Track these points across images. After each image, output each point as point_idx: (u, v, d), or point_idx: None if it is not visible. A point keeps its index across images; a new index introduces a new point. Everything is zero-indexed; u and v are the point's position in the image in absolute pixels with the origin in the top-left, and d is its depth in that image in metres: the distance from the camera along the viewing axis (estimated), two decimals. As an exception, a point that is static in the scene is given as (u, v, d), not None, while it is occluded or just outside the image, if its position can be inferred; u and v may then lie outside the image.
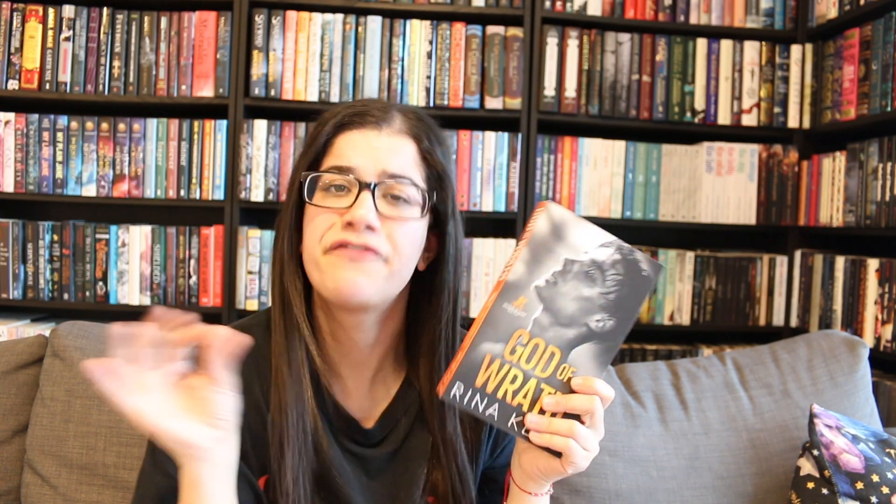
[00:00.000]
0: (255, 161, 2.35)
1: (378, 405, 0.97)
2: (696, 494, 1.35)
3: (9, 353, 1.30)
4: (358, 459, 0.95)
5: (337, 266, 0.86)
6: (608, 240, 0.81)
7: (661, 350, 2.49)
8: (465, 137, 2.40)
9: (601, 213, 2.46)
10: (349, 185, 0.87)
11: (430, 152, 0.91)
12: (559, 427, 0.80)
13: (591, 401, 0.80)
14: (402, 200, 0.88)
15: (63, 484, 1.21)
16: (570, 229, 0.81)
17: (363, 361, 0.96)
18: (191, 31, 2.34)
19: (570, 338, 0.81)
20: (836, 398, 1.43)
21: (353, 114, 0.89)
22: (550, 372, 0.81)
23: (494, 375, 0.80)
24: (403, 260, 0.88)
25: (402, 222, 0.87)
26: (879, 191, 2.12)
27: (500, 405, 0.81)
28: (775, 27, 2.51)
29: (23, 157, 2.31)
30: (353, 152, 0.87)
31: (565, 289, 0.81)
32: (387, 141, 0.88)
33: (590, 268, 0.81)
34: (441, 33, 2.40)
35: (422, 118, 0.94)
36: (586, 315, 0.81)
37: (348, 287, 0.85)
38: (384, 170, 0.87)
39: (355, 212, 0.84)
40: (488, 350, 0.80)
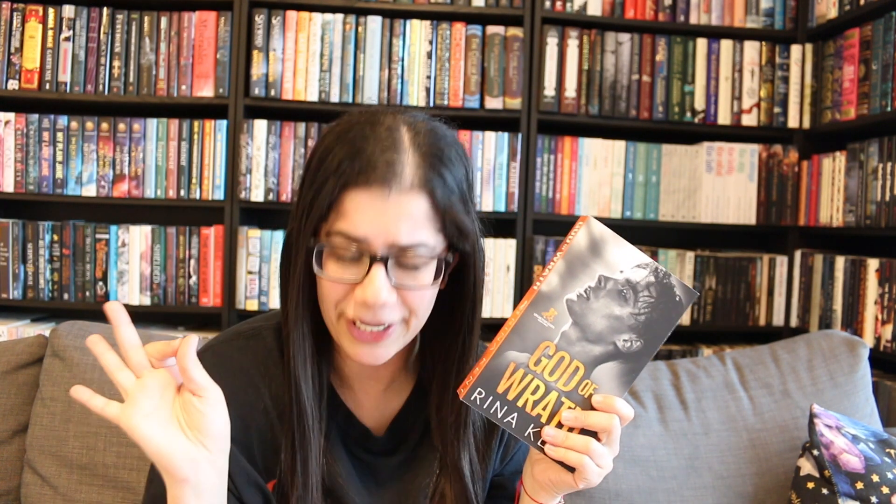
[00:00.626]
0: (255, 161, 2.35)
1: (389, 413, 0.96)
2: (696, 494, 1.35)
3: (9, 353, 1.30)
4: (367, 467, 0.94)
5: (355, 342, 0.84)
6: (645, 261, 0.82)
7: (661, 350, 2.48)
8: (465, 137, 2.40)
9: (601, 213, 2.46)
10: (360, 253, 0.81)
11: (447, 204, 0.82)
12: (575, 443, 0.79)
13: (611, 419, 0.80)
14: (415, 266, 0.82)
15: (63, 484, 1.21)
16: (608, 247, 0.81)
17: (376, 377, 0.95)
18: (191, 31, 2.34)
19: (595, 354, 0.81)
20: (836, 398, 1.43)
21: (357, 170, 0.79)
22: (573, 387, 0.81)
23: (517, 384, 0.80)
24: (420, 318, 0.86)
25: (416, 291, 0.83)
26: (879, 191, 2.12)
27: (519, 414, 0.81)
28: (775, 27, 2.51)
29: (23, 157, 2.31)
30: (360, 219, 0.79)
31: (597, 305, 0.81)
32: (395, 205, 0.79)
33: (623, 287, 0.81)
34: (441, 33, 2.40)
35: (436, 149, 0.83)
36: (614, 334, 0.81)
37: (367, 359, 0.85)
38: (395, 242, 0.80)
39: (368, 291, 0.79)
40: (513, 359, 0.80)
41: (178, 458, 0.74)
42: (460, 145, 0.88)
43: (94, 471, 1.21)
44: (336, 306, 0.83)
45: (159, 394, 0.75)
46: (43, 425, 1.23)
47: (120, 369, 0.75)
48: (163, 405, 0.75)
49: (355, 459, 0.94)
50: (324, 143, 0.84)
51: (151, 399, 0.74)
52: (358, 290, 0.81)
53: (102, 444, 1.22)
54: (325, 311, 0.85)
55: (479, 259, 0.89)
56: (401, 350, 0.92)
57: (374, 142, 0.81)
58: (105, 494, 1.21)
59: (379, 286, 0.79)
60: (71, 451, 1.22)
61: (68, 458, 1.21)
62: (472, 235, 0.86)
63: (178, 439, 0.74)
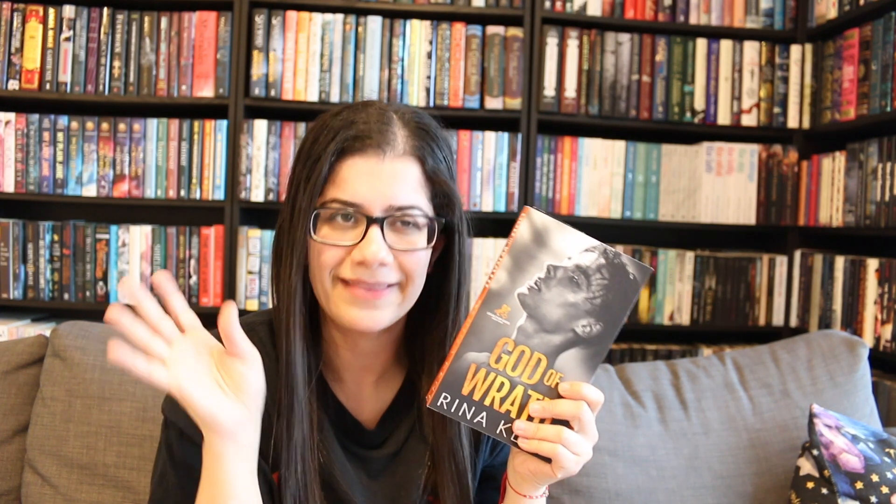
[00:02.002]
0: (255, 161, 2.35)
1: (380, 404, 0.98)
2: (696, 494, 1.35)
3: (9, 352, 1.30)
4: (359, 460, 0.95)
5: (351, 303, 0.86)
6: (592, 244, 0.80)
7: (661, 350, 2.49)
8: (465, 137, 2.40)
9: (601, 213, 2.46)
10: (356, 218, 0.85)
11: (436, 171, 0.88)
12: (547, 433, 0.80)
13: (578, 406, 0.80)
14: (411, 226, 0.86)
15: (63, 484, 1.21)
16: (552, 235, 0.80)
17: (368, 367, 0.97)
18: (191, 31, 2.34)
19: (556, 344, 0.81)
20: (836, 398, 1.44)
21: (353, 137, 0.85)
22: (537, 378, 0.81)
23: (481, 384, 0.81)
24: (416, 282, 0.88)
25: (412, 252, 0.86)
26: (879, 191, 2.12)
27: (487, 412, 0.81)
28: (775, 27, 2.51)
29: (23, 157, 2.31)
30: (357, 183, 0.84)
31: (549, 295, 0.80)
32: (390, 168, 0.84)
33: (574, 273, 0.80)
34: (441, 33, 2.40)
35: (423, 126, 0.90)
36: (572, 321, 0.80)
37: (364, 323, 0.86)
38: (391, 203, 0.84)
39: (366, 250, 0.83)
40: (473, 359, 0.80)
41: (225, 417, 0.78)
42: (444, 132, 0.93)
43: (94, 470, 1.21)
44: (331, 272, 0.86)
45: (195, 358, 0.80)
46: (43, 425, 1.23)
47: (152, 339, 0.78)
48: (201, 368, 0.79)
49: (348, 453, 0.95)
50: (317, 124, 0.89)
51: (190, 362, 0.79)
52: (355, 251, 0.84)
53: (103, 443, 1.22)
54: (320, 281, 0.87)
55: (464, 235, 0.92)
56: (390, 341, 0.96)
57: (367, 116, 0.87)
58: (105, 494, 1.21)
59: (377, 245, 0.83)
60: (71, 450, 1.22)
61: (69, 458, 1.22)
62: (458, 207, 0.90)
63: (223, 401, 0.79)
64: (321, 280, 0.87)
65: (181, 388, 0.77)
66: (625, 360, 2.44)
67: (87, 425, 1.23)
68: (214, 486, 0.80)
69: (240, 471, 0.81)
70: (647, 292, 2.49)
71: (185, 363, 0.78)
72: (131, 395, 1.25)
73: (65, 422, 1.23)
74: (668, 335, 2.63)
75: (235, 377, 0.80)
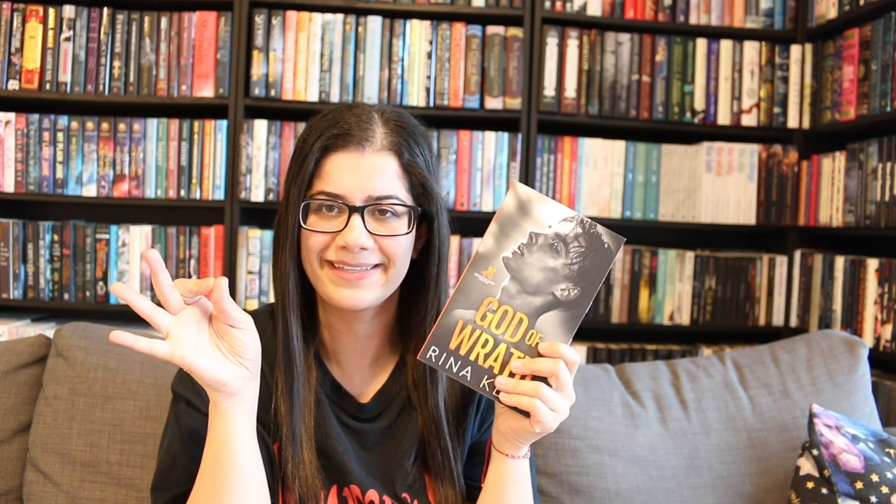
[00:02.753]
0: (255, 161, 2.35)
1: (374, 384, 1.05)
2: (696, 494, 1.35)
3: (10, 352, 1.31)
4: (354, 433, 1.02)
5: (338, 283, 0.95)
6: (570, 215, 0.87)
7: (661, 350, 2.49)
8: (465, 137, 2.40)
9: (601, 213, 2.46)
10: (340, 207, 0.94)
11: (412, 164, 0.97)
12: (525, 388, 0.86)
13: (556, 363, 0.86)
14: (390, 214, 0.95)
15: (66, 482, 1.21)
16: (535, 205, 0.87)
17: (362, 350, 1.04)
18: (191, 31, 2.34)
19: (536, 305, 0.87)
20: (836, 398, 1.44)
21: (336, 134, 0.95)
22: (519, 337, 0.87)
23: (467, 339, 0.87)
24: (398, 265, 0.97)
25: (391, 237, 0.95)
26: (879, 191, 2.12)
27: (472, 367, 0.87)
28: (775, 27, 2.51)
29: (23, 157, 2.31)
30: (339, 176, 0.94)
31: (531, 259, 0.87)
32: (369, 162, 0.94)
33: (553, 240, 0.87)
34: (441, 33, 2.40)
35: (402, 124, 0.99)
36: (551, 284, 0.87)
37: (349, 301, 0.95)
38: (370, 194, 0.93)
39: (347, 236, 0.92)
40: (461, 316, 0.87)
41: (229, 378, 0.85)
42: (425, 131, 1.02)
43: (97, 468, 1.22)
44: (318, 255, 0.95)
45: (197, 327, 0.86)
46: (46, 423, 1.23)
47: (156, 311, 0.83)
48: (202, 337, 0.86)
49: (343, 426, 1.02)
50: (308, 126, 0.99)
51: (192, 334, 0.85)
52: (339, 237, 0.93)
53: (105, 441, 1.22)
54: (310, 264, 0.96)
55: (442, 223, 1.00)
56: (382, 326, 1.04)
57: (350, 117, 0.97)
58: (108, 492, 1.21)
59: (358, 232, 0.92)
60: (74, 448, 1.22)
61: (71, 456, 1.22)
62: (436, 197, 0.98)
63: (225, 364, 0.86)
64: (310, 263, 0.96)
65: (185, 359, 0.83)
66: (625, 360, 2.45)
67: (90, 423, 1.23)
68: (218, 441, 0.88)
69: (243, 428, 0.88)
70: (647, 292, 2.50)
71: (187, 335, 0.84)
72: (134, 394, 1.25)
73: (68, 420, 1.23)
74: (668, 335, 2.63)
75: (233, 342, 0.86)
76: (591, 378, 1.43)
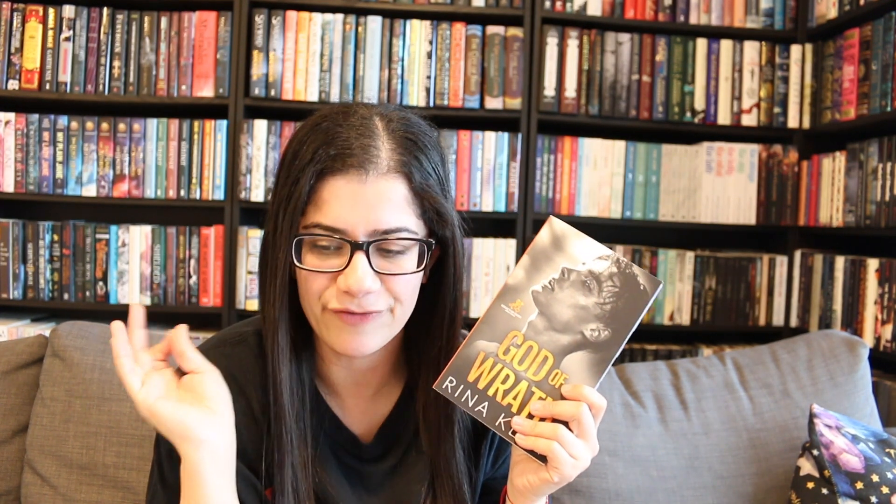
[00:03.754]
0: (255, 161, 2.35)
1: (377, 419, 0.96)
2: (696, 494, 1.35)
3: (9, 353, 1.30)
4: (357, 475, 0.93)
5: (341, 329, 0.83)
6: (606, 253, 0.83)
7: (661, 350, 2.49)
8: (465, 137, 2.40)
9: (601, 213, 2.46)
10: (340, 244, 0.81)
11: (424, 188, 0.83)
12: (543, 430, 0.79)
13: (578, 407, 0.79)
14: (397, 253, 0.82)
15: (63, 484, 1.21)
16: (569, 241, 0.83)
17: (363, 383, 0.95)
18: (191, 31, 2.34)
19: (563, 344, 0.82)
20: (836, 398, 1.44)
21: (333, 156, 0.80)
22: (542, 376, 0.82)
23: (487, 373, 0.82)
24: (405, 306, 0.86)
25: (400, 277, 0.83)
26: (879, 191, 2.12)
27: (489, 403, 0.82)
28: (775, 27, 2.51)
29: (23, 157, 2.31)
30: (339, 207, 0.79)
31: (561, 296, 0.83)
32: (374, 190, 0.79)
33: (587, 277, 0.83)
34: (441, 33, 2.40)
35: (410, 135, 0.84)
36: (581, 323, 0.82)
37: (353, 347, 0.84)
38: (375, 228, 0.80)
39: (350, 279, 0.79)
40: (483, 348, 0.82)
41: (192, 421, 0.78)
42: (434, 135, 0.88)
43: (94, 471, 1.21)
44: (319, 298, 0.83)
45: (165, 385, 0.80)
46: (43, 425, 1.23)
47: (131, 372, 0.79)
48: (170, 391, 0.80)
49: (345, 467, 0.93)
50: (297, 137, 0.84)
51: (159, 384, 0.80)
52: (340, 278, 0.80)
53: (102, 443, 1.22)
54: (309, 305, 0.85)
55: (458, 249, 0.88)
56: (387, 354, 0.93)
57: (349, 129, 0.81)
58: (105, 494, 1.21)
59: (362, 274, 0.79)
60: (71, 450, 1.22)
61: (68, 458, 1.22)
62: (451, 222, 0.86)
63: (189, 409, 0.79)
64: (310, 306, 0.85)
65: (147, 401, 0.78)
66: (625, 360, 2.44)
67: (86, 425, 1.23)
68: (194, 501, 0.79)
69: (218, 485, 0.79)
70: (647, 292, 2.49)
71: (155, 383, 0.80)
72: (131, 396, 1.24)
73: (64, 422, 1.23)
74: (668, 335, 2.63)
75: (196, 388, 0.81)
76: (591, 378, 1.43)
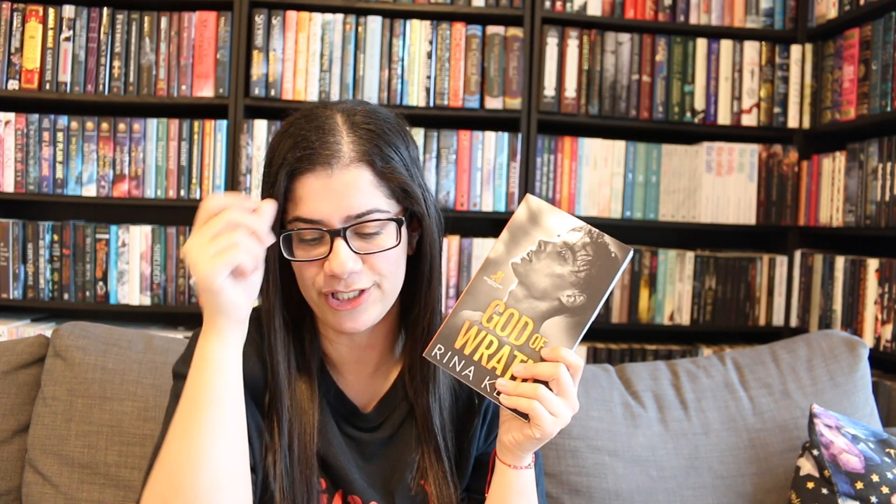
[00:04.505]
0: (255, 161, 2.35)
1: (377, 393, 1.03)
2: (696, 494, 1.35)
3: (9, 352, 1.30)
4: (355, 443, 1.01)
5: (335, 312, 0.92)
6: (579, 225, 0.89)
7: (661, 350, 2.49)
8: (465, 137, 2.40)
9: (601, 213, 2.46)
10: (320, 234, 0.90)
11: (387, 170, 0.90)
12: (524, 389, 0.86)
13: (556, 367, 0.85)
14: (373, 234, 0.91)
15: (64, 483, 1.21)
16: (545, 216, 0.90)
17: (363, 360, 1.02)
18: (191, 31, 2.34)
19: (542, 310, 0.89)
20: (836, 398, 1.44)
21: (299, 157, 0.89)
22: (524, 340, 0.88)
23: (472, 340, 0.89)
24: (393, 279, 0.94)
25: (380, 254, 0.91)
26: (879, 191, 2.12)
27: (475, 367, 0.89)
28: (775, 27, 2.51)
29: (23, 157, 2.31)
30: (312, 200, 0.88)
31: (539, 266, 0.89)
32: (340, 181, 0.88)
33: (562, 248, 0.89)
34: (441, 33, 2.40)
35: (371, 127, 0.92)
36: (558, 290, 0.89)
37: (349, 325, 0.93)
38: (347, 214, 0.88)
39: (333, 263, 0.88)
40: (467, 317, 0.89)
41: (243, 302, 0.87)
42: (400, 124, 0.96)
43: (95, 470, 1.21)
44: (314, 285, 0.92)
45: None
46: (45, 424, 1.23)
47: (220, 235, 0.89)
48: None
49: (344, 435, 1.00)
50: (272, 143, 0.95)
51: None
52: (325, 265, 0.89)
53: (104, 443, 1.22)
54: (306, 292, 0.94)
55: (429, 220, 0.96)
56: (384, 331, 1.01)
57: (312, 131, 0.90)
58: (106, 493, 1.21)
59: (343, 258, 0.88)
60: (72, 450, 1.22)
61: (70, 458, 1.22)
62: (419, 197, 0.94)
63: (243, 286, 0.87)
64: (308, 293, 0.94)
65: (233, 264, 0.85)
66: (625, 360, 2.44)
67: (88, 425, 1.23)
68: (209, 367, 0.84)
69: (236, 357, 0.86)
70: (647, 292, 2.49)
71: None
72: (132, 395, 1.25)
73: (66, 421, 1.23)
74: (668, 335, 2.63)
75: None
76: (591, 378, 1.43)
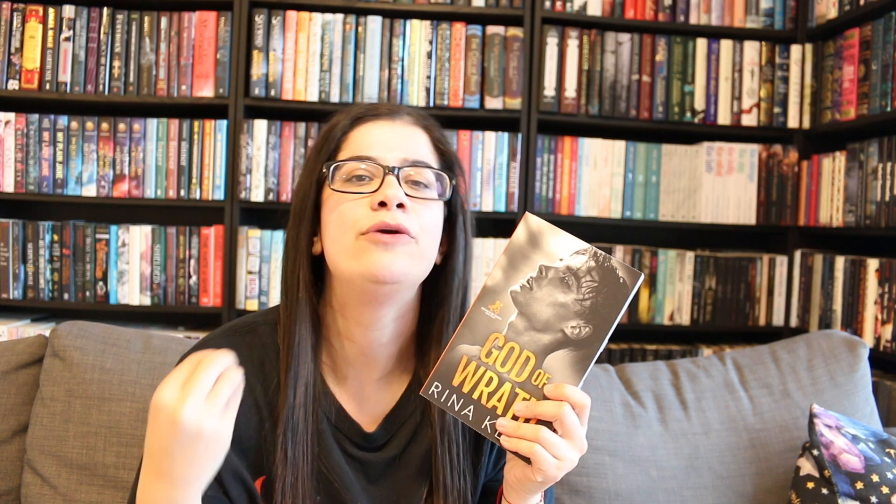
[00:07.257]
0: (255, 161, 2.35)
1: (382, 408, 0.97)
2: (696, 494, 1.35)
3: (9, 352, 1.30)
4: (359, 464, 0.94)
5: (371, 252, 0.85)
6: (583, 247, 0.82)
7: (661, 350, 2.49)
8: (465, 137, 2.40)
9: (601, 213, 2.46)
10: (371, 173, 0.89)
11: (442, 142, 0.95)
12: (525, 431, 0.79)
13: (560, 407, 0.79)
14: (423, 185, 0.90)
15: (63, 484, 1.21)
16: (545, 237, 0.83)
17: (374, 361, 0.95)
18: (191, 31, 2.34)
19: (545, 343, 0.81)
20: (836, 398, 1.44)
21: (366, 108, 0.94)
22: (525, 377, 0.81)
23: (471, 377, 0.82)
24: (430, 239, 0.90)
25: (426, 204, 0.89)
26: (879, 191, 2.12)
27: (475, 406, 0.82)
28: (775, 27, 2.51)
29: (23, 157, 2.31)
30: (371, 141, 0.90)
31: (540, 294, 0.82)
32: (401, 130, 0.92)
33: (564, 274, 0.82)
34: (441, 33, 2.40)
35: (428, 117, 0.98)
36: (561, 321, 0.81)
37: (383, 267, 0.85)
38: (404, 157, 0.89)
39: (386, 190, 0.86)
40: (465, 352, 0.82)
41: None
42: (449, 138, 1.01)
43: (94, 471, 1.21)
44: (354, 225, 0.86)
45: None
46: (43, 425, 1.23)
47: None
48: None
49: (346, 456, 0.94)
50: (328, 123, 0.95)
51: None
52: (375, 196, 0.86)
53: (102, 444, 1.22)
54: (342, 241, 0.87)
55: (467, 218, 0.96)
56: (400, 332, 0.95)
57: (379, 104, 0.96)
58: (105, 494, 1.21)
59: (396, 187, 0.86)
60: (71, 451, 1.22)
61: (68, 458, 1.21)
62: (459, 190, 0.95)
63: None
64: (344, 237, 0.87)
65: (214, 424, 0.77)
66: (625, 360, 2.44)
67: (86, 425, 1.23)
68: None
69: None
70: (647, 292, 2.49)
71: None
72: (131, 396, 1.24)
73: (64, 422, 1.23)
74: (668, 335, 2.63)
75: None
76: (591, 378, 1.43)
